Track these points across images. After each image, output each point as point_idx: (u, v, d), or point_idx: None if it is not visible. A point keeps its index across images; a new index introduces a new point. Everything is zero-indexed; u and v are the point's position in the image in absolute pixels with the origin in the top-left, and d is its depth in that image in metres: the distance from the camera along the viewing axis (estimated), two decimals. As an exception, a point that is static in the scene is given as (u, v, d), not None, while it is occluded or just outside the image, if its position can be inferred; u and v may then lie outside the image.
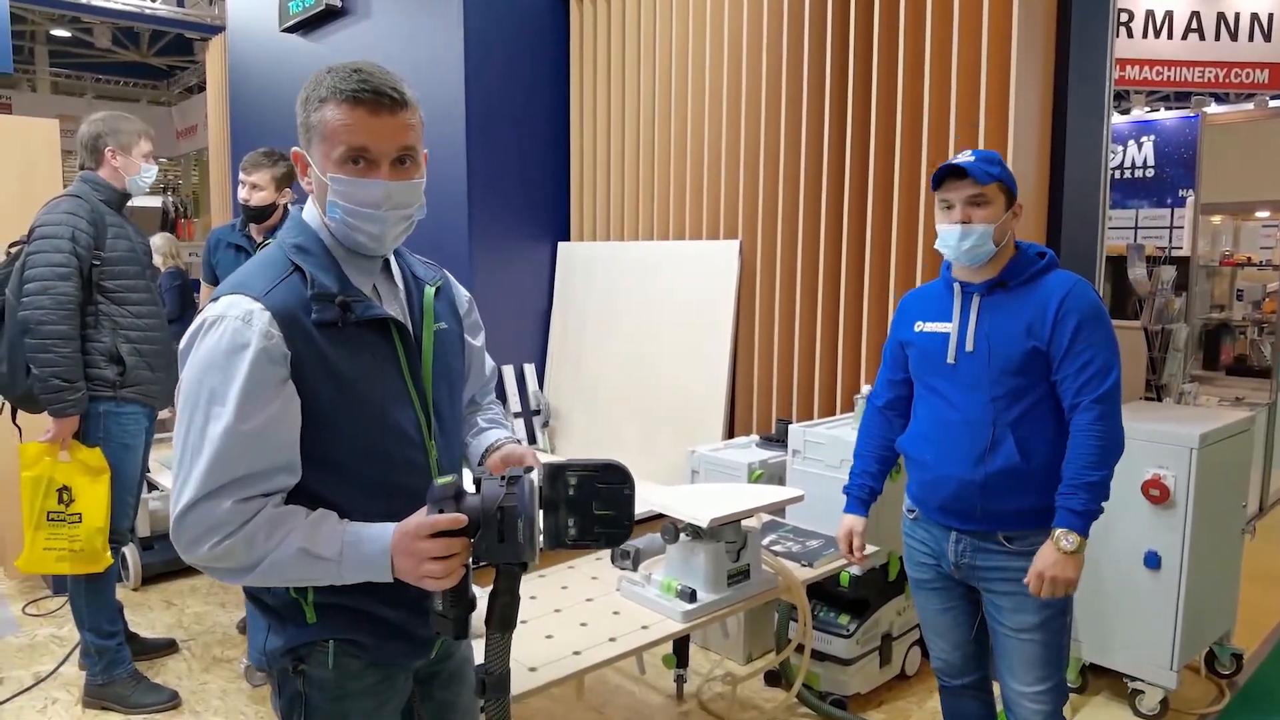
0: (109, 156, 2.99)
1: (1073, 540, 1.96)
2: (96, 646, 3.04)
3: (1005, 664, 2.16)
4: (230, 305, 1.28)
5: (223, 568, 1.28)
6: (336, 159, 1.32)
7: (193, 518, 1.25)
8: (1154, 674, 3.08)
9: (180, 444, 1.28)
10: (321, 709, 1.42)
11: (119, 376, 2.99)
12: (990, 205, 2.03)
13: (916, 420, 2.24)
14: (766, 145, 3.87)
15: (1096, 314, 2.03)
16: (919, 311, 2.23)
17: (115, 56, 15.32)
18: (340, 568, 1.28)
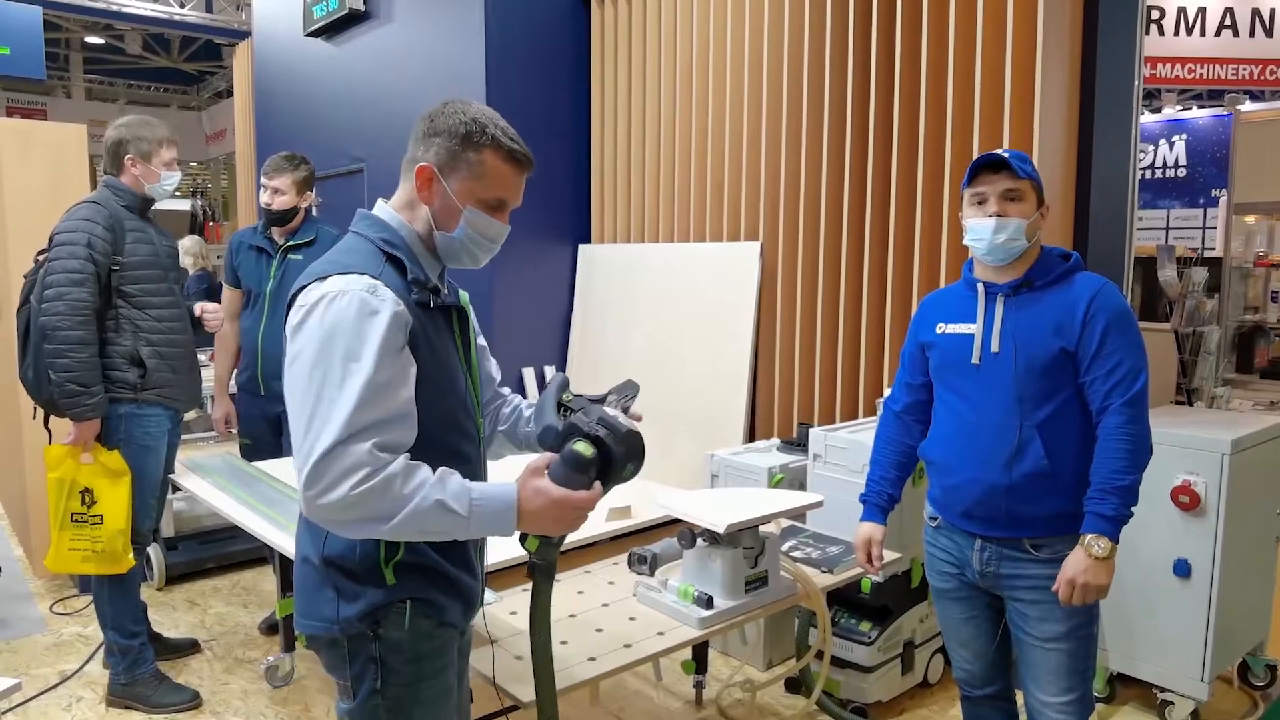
0: (129, 164, 3.01)
1: (1104, 546, 1.93)
2: (120, 646, 3.06)
3: (1030, 674, 2.12)
4: (350, 282, 1.41)
5: (355, 517, 1.35)
6: (482, 199, 1.54)
7: (332, 460, 1.32)
8: (1184, 685, 3.02)
9: (311, 401, 1.35)
10: (397, 671, 1.51)
11: (140, 379, 3.01)
12: (1024, 201, 2.02)
13: (938, 424, 2.20)
14: (788, 146, 3.84)
15: (1124, 316, 2.01)
16: (940, 313, 2.19)
17: (147, 63, 15.55)
18: (470, 523, 1.40)
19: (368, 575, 1.49)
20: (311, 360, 1.37)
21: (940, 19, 3.33)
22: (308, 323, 1.40)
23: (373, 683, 1.51)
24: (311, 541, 1.53)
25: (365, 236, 1.52)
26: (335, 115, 5.70)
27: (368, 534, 1.39)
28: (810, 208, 3.77)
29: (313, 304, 1.40)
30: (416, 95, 4.89)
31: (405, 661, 1.52)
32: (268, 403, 3.60)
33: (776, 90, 3.87)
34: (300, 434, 1.36)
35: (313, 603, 1.53)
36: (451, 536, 1.42)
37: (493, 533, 1.45)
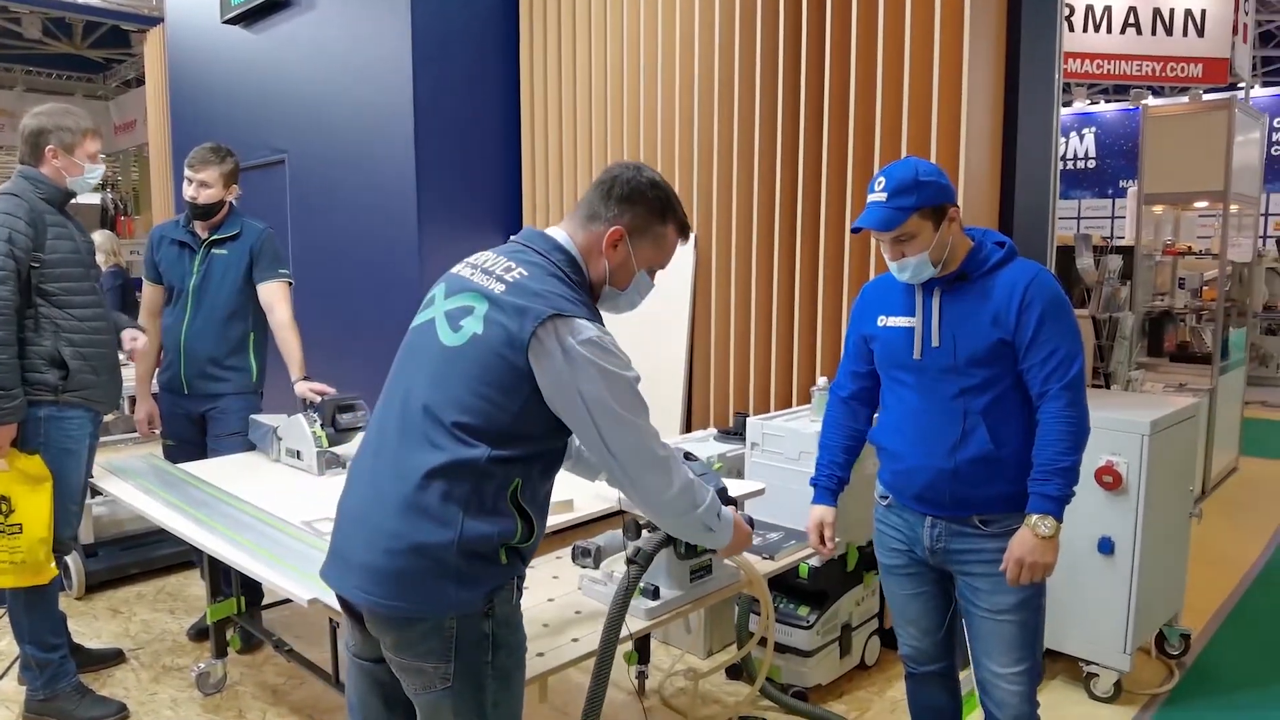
0: (49, 155, 2.87)
1: (1049, 525, 1.99)
2: (38, 660, 2.93)
3: (982, 647, 2.17)
4: (599, 328, 1.63)
5: (687, 504, 1.76)
6: (653, 265, 1.79)
7: (671, 465, 1.71)
8: (1108, 657, 3.14)
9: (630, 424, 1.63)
10: (505, 641, 1.65)
11: (61, 381, 2.87)
12: (916, 237, 2.03)
13: (886, 411, 2.26)
14: (720, 139, 3.86)
15: (1059, 303, 2.05)
16: (881, 305, 2.23)
17: (47, 48, 14.82)
18: (721, 531, 1.86)
19: (492, 557, 1.58)
20: (616, 397, 1.60)
21: (869, 14, 3.39)
22: (597, 359, 1.58)
23: (482, 657, 1.61)
24: (441, 531, 1.55)
25: (565, 275, 1.67)
26: (255, 105, 5.52)
27: (691, 517, 1.76)
28: (743, 199, 3.80)
29: (602, 345, 1.60)
30: (341, 85, 4.77)
31: (510, 630, 1.65)
32: (191, 402, 3.47)
33: (708, 81, 3.89)
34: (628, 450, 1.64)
35: (427, 589, 1.55)
36: (700, 539, 1.90)
37: (720, 540, 1.89)
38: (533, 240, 1.71)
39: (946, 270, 2.09)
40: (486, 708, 1.63)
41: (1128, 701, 3.15)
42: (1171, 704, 3.17)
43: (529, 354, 1.55)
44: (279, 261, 3.51)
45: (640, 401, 1.65)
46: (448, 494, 1.54)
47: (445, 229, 4.38)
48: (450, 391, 1.58)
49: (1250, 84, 10.05)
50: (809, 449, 3.06)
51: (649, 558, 2.00)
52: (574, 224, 1.74)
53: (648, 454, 1.66)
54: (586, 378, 1.56)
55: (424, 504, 1.55)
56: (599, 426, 1.59)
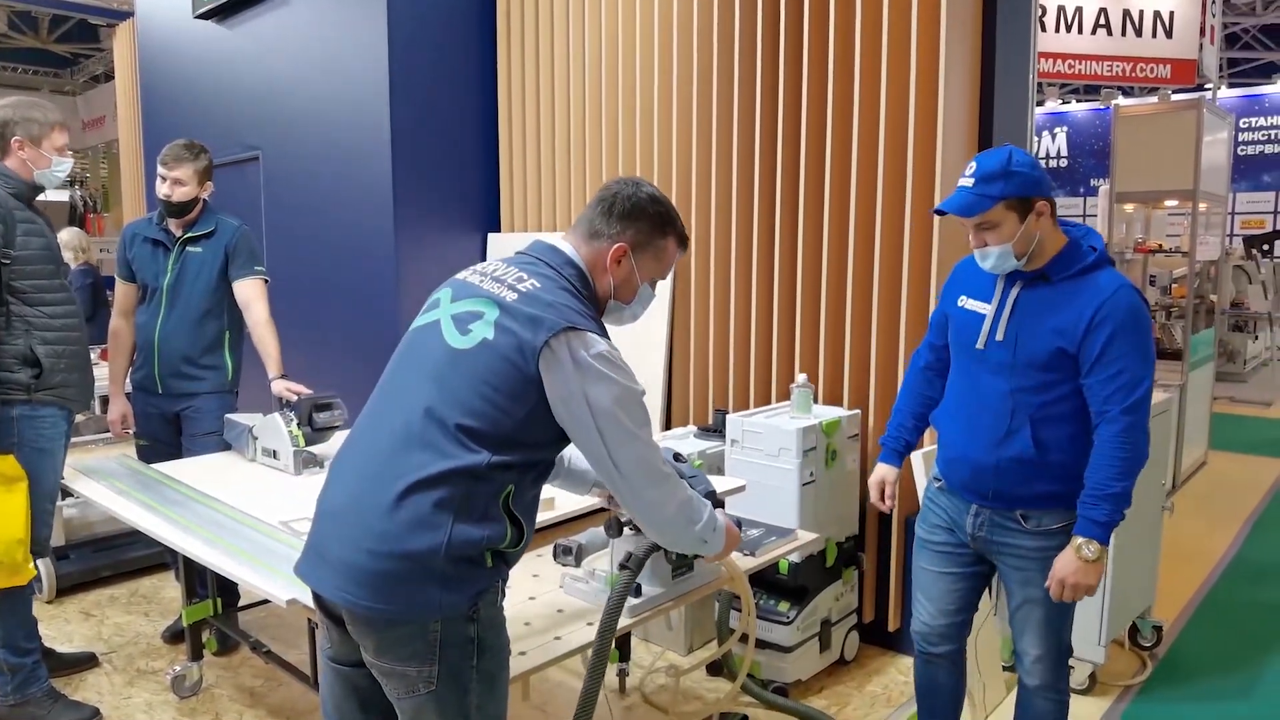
0: (15, 148, 2.82)
1: (1094, 550, 2.01)
2: (10, 665, 2.87)
3: (1017, 627, 2.26)
4: (607, 343, 1.64)
5: (685, 519, 1.77)
6: (654, 278, 1.81)
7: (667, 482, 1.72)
8: (1083, 650, 3.18)
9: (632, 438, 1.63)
10: (490, 644, 1.64)
11: (34, 379, 2.83)
12: (999, 226, 2.01)
13: (948, 394, 2.30)
14: (699, 136, 3.86)
15: (1134, 322, 1.99)
16: (966, 285, 2.24)
17: (12, 42, 14.57)
18: (714, 538, 1.84)
19: (478, 560, 1.57)
20: (625, 410, 1.61)
21: (847, 14, 3.40)
22: (608, 372, 1.60)
23: (467, 661, 1.60)
24: (429, 535, 1.53)
25: (582, 296, 1.70)
26: (228, 101, 5.46)
27: (688, 534, 1.77)
28: (722, 196, 3.80)
29: (610, 357, 1.61)
30: (316, 81, 4.72)
31: (494, 631, 1.65)
32: (165, 401, 3.43)
33: (686, 79, 3.89)
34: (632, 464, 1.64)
35: (411, 593, 1.53)
36: (697, 549, 1.85)
37: (714, 547, 1.86)
38: (544, 253, 1.73)
39: (1033, 265, 2.07)
40: (470, 711, 1.62)
41: (1102, 693, 3.20)
42: (1145, 695, 3.22)
43: (540, 363, 1.56)
44: (255, 259, 3.47)
45: (646, 416, 1.67)
46: (441, 499, 1.53)
47: (421, 227, 4.36)
48: (455, 394, 1.57)
49: (1217, 85, 10.19)
50: (788, 445, 3.08)
51: (640, 562, 2.00)
52: (577, 239, 1.76)
53: (652, 469, 1.67)
54: (596, 390, 1.58)
55: (415, 507, 1.53)
56: (605, 439, 1.60)
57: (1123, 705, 3.15)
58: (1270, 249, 12.20)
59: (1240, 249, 11.26)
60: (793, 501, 3.07)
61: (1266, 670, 3.40)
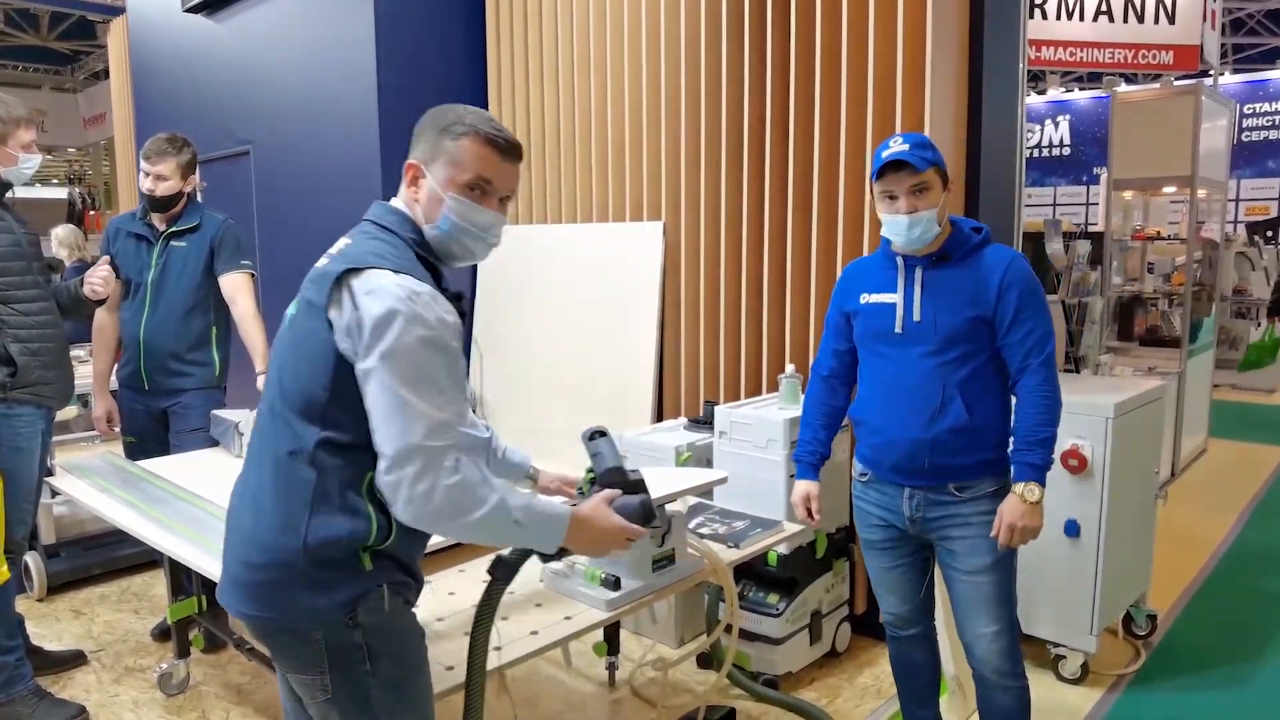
0: None
1: (1035, 491, 2.11)
2: (-7, 663, 2.87)
3: (962, 610, 2.30)
4: (417, 285, 1.45)
5: (446, 514, 1.44)
6: (461, 183, 1.56)
7: (426, 455, 1.42)
8: (1075, 639, 3.16)
9: (401, 400, 1.41)
10: (385, 651, 1.55)
11: (9, 378, 2.82)
12: (931, 190, 2.14)
13: (865, 386, 2.35)
14: (687, 126, 3.83)
15: (1034, 285, 2.18)
16: (863, 284, 2.32)
17: (13, 40, 14.57)
18: (527, 530, 1.54)
19: (348, 563, 1.49)
20: (401, 361, 1.42)
21: (833, 7, 3.36)
22: (388, 318, 1.41)
23: (360, 667, 1.53)
24: (285, 532, 1.48)
25: (400, 238, 1.56)
26: (219, 95, 5.44)
27: (446, 529, 1.46)
28: (710, 187, 3.77)
29: (387, 290, 1.43)
30: (304, 74, 4.70)
31: (391, 640, 1.56)
32: (152, 398, 3.42)
33: (675, 70, 3.85)
34: (392, 428, 1.41)
35: (278, 598, 1.49)
36: (507, 542, 1.61)
37: (544, 542, 1.60)
38: (371, 210, 1.63)
39: (932, 248, 2.20)
40: (379, 716, 1.56)
41: (1095, 683, 3.17)
42: (1138, 684, 3.19)
43: (328, 316, 1.47)
44: (240, 253, 3.45)
45: (433, 367, 1.44)
46: (293, 489, 1.48)
47: (412, 220, 4.33)
48: (283, 375, 1.54)
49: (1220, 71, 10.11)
50: (776, 437, 3.05)
51: (510, 570, 1.82)
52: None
53: (411, 432, 1.40)
54: (371, 330, 1.42)
55: (272, 501, 1.50)
56: (370, 384, 1.43)
57: (1115, 695, 3.12)
58: (1274, 235, 12.12)
59: (1243, 235, 11.18)
60: (780, 493, 3.05)
61: (1264, 658, 3.37)
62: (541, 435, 4.29)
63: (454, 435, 1.45)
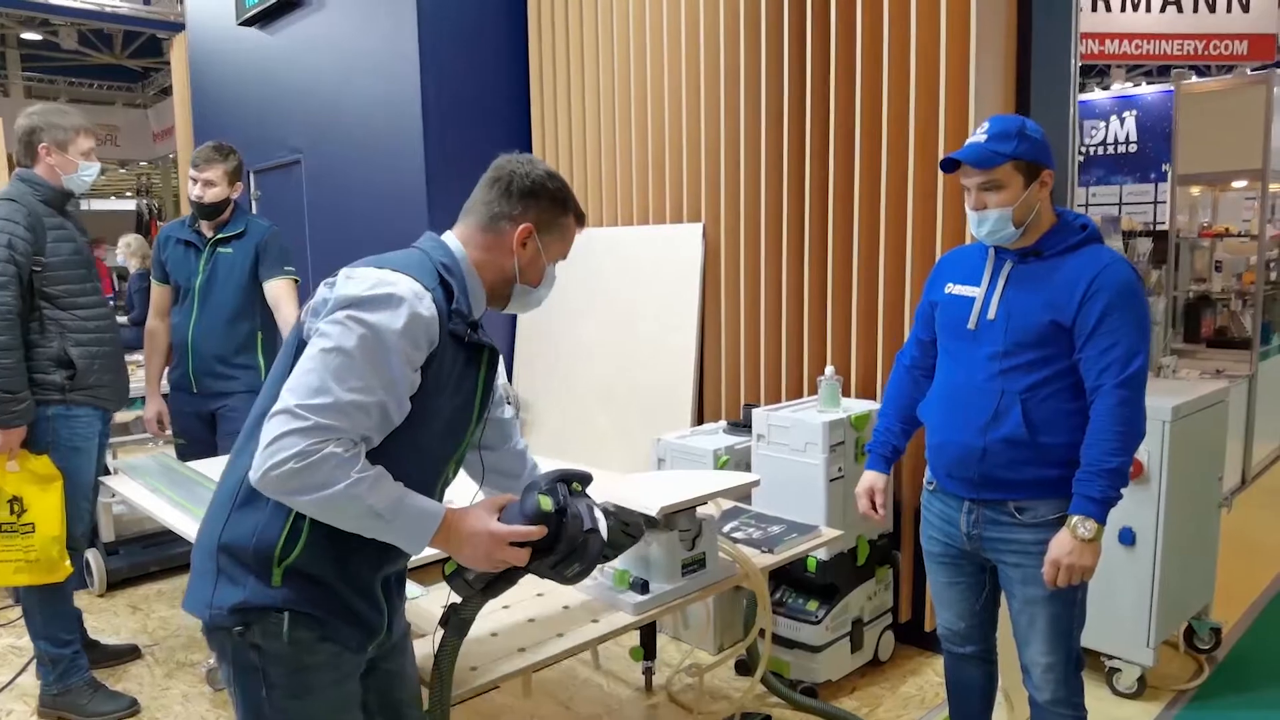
0: (43, 154, 2.89)
1: (1089, 528, 1.93)
2: (51, 656, 2.96)
3: (1020, 633, 2.17)
4: (400, 279, 1.45)
5: (291, 487, 1.36)
6: (558, 258, 1.70)
7: (280, 427, 1.36)
8: (1131, 652, 3.04)
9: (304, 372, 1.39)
10: (281, 684, 1.48)
11: (68, 380, 2.90)
12: (1005, 188, 1.98)
13: (935, 383, 2.24)
14: (727, 126, 3.79)
15: (1129, 295, 1.96)
16: (952, 273, 2.20)
17: (89, 59, 15.15)
18: (392, 524, 1.42)
19: (257, 568, 1.46)
20: (345, 335, 1.40)
21: (875, 6, 3.29)
22: (355, 298, 1.42)
23: (258, 690, 1.49)
24: (212, 525, 1.52)
25: (427, 254, 1.57)
26: (271, 107, 5.56)
27: (294, 500, 1.39)
28: (751, 187, 3.73)
29: (374, 285, 1.43)
30: (350, 84, 4.78)
31: (290, 672, 1.49)
32: (201, 400, 3.50)
33: (714, 70, 3.82)
34: (295, 382, 1.39)
35: (194, 585, 1.51)
36: (372, 533, 1.44)
37: (409, 540, 1.47)
38: (421, 240, 1.64)
39: (1024, 242, 2.04)
40: None
41: (1152, 697, 3.05)
42: (1200, 700, 3.06)
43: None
44: (284, 259, 3.52)
45: (372, 354, 1.39)
46: (229, 487, 1.50)
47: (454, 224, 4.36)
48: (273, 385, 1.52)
49: (1297, 60, 9.70)
50: (815, 440, 3.00)
51: (462, 624, 1.70)
52: (471, 227, 1.63)
53: (305, 393, 1.36)
54: (334, 303, 1.43)
55: (217, 497, 1.54)
56: (308, 347, 1.43)
57: (1174, 710, 2.99)
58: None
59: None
60: (819, 498, 2.99)
61: (1335, 676, 3.20)
62: (583, 438, 4.29)
63: (348, 426, 1.37)
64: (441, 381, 1.51)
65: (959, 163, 2.02)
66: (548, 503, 1.51)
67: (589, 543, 1.54)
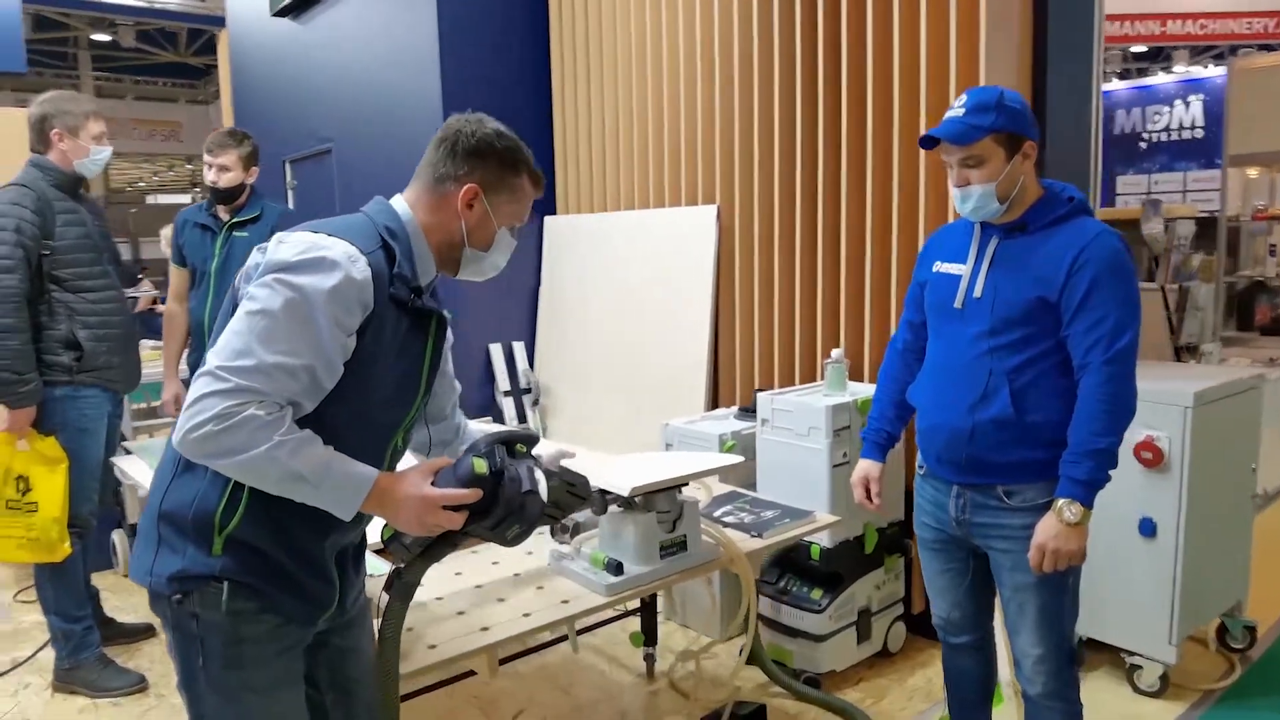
0: (55, 139, 2.95)
1: (1075, 511, 1.86)
2: (62, 631, 3.04)
3: (1009, 622, 2.10)
4: (333, 243, 1.43)
5: (209, 450, 1.36)
6: (512, 221, 1.62)
7: (204, 388, 1.35)
8: (1152, 648, 2.91)
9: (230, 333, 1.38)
10: (218, 653, 1.46)
11: (75, 362, 2.96)
12: (987, 163, 1.90)
13: (925, 365, 2.17)
14: (741, 107, 3.72)
15: (1117, 268, 1.87)
16: (940, 251, 2.13)
17: (153, 58, 15.62)
18: (318, 488, 1.39)
19: (197, 536, 1.44)
20: (271, 298, 1.37)
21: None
22: (284, 263, 1.39)
23: (194, 659, 1.47)
24: (155, 492, 1.51)
25: (371, 218, 1.55)
26: (304, 97, 5.63)
27: (215, 462, 1.38)
28: (764, 168, 3.65)
29: (306, 249, 1.41)
30: (374, 73, 4.81)
31: (227, 643, 1.46)
32: (216, 383, 3.54)
33: (728, 50, 3.75)
34: (222, 343, 1.38)
35: (137, 552, 1.50)
36: (300, 497, 1.41)
37: (338, 504, 1.43)
38: (369, 204, 1.61)
39: (1010, 216, 1.96)
40: (207, 716, 1.51)
41: (1176, 696, 2.91)
42: (1229, 700, 2.91)
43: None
44: (297, 243, 3.54)
45: (300, 318, 1.37)
46: (173, 454, 1.48)
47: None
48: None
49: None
50: (818, 424, 2.92)
51: (407, 587, 1.66)
52: (418, 189, 1.60)
53: (230, 354, 1.35)
54: (265, 266, 1.41)
55: (162, 463, 1.52)
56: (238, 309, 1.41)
57: (1200, 710, 2.86)
58: None
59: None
60: (823, 484, 2.91)
61: (1377, 679, 3.02)
62: (597, 423, 4.26)
63: (271, 388, 1.36)
64: (383, 348, 1.48)
65: (938, 140, 1.94)
66: (482, 465, 1.47)
67: (527, 505, 1.50)
